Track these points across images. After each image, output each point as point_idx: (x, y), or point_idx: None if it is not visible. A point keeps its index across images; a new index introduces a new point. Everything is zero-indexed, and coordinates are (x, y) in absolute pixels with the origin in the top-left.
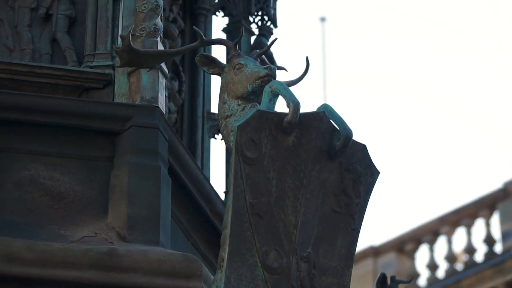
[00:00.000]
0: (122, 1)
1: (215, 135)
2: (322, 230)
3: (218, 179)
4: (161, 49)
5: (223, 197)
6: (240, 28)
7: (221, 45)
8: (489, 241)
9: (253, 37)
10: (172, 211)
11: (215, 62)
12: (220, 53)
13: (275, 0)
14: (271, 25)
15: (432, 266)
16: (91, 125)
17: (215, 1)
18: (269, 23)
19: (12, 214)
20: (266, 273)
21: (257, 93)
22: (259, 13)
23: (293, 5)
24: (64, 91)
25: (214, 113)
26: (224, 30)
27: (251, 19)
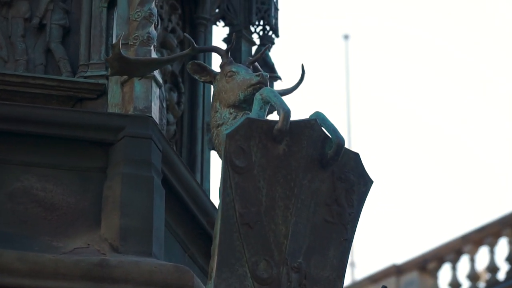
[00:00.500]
0: (116, 10)
1: None
2: (313, 240)
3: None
4: (152, 57)
5: None
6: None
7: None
8: None
9: (254, 47)
10: (168, 223)
11: (206, 70)
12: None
13: (276, 9)
14: (272, 35)
15: (454, 284)
16: (84, 135)
17: (216, 10)
18: (270, 33)
19: (4, 225)
20: (255, 283)
21: (249, 101)
22: (261, 23)
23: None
24: (57, 101)
25: None
26: (224, 40)
27: (252, 29)
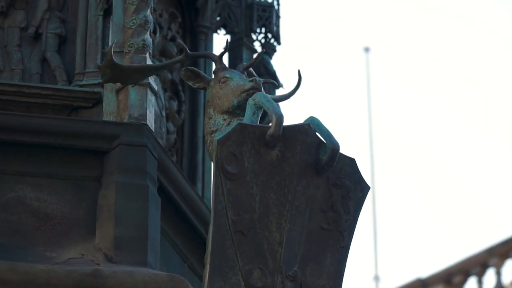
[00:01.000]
0: (112, 18)
1: None
2: (309, 247)
3: None
4: (145, 64)
5: None
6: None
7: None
8: None
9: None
10: (166, 233)
11: (200, 76)
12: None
13: (278, 17)
14: (274, 42)
15: None
16: (78, 144)
17: (216, 18)
18: (272, 40)
19: None
20: None
21: (243, 107)
22: (262, 30)
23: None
24: (53, 110)
25: None
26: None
27: (254, 37)
